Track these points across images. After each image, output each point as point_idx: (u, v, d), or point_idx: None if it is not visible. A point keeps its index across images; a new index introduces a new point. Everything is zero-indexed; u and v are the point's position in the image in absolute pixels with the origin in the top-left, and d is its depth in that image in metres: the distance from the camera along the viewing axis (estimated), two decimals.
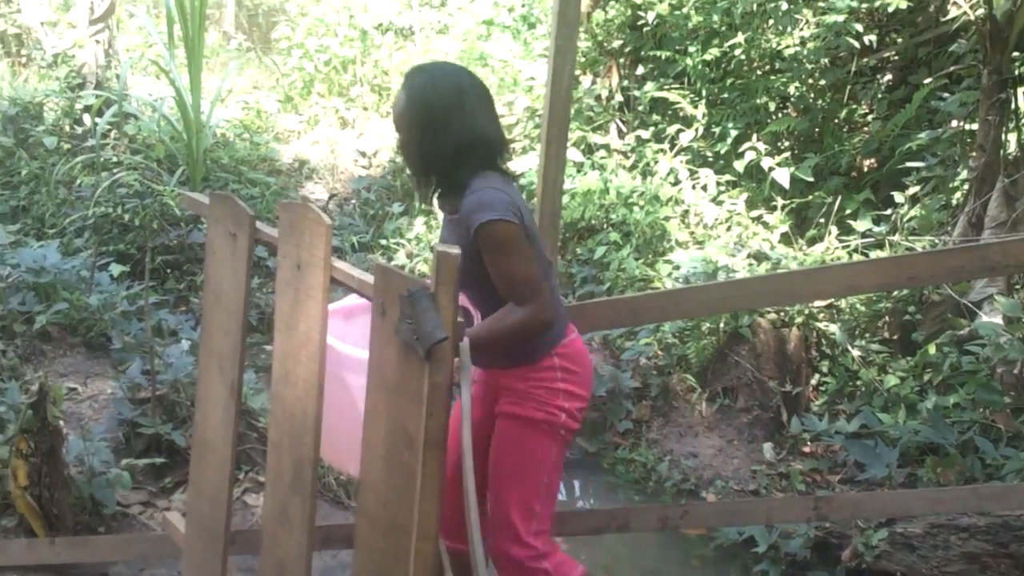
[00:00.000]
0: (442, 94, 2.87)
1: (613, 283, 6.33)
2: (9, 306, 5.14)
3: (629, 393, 5.58)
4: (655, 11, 7.42)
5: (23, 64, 9.78)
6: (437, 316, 2.14)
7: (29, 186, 7.31)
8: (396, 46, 9.94)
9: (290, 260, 2.58)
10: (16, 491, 3.61)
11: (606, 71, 8.06)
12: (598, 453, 5.39)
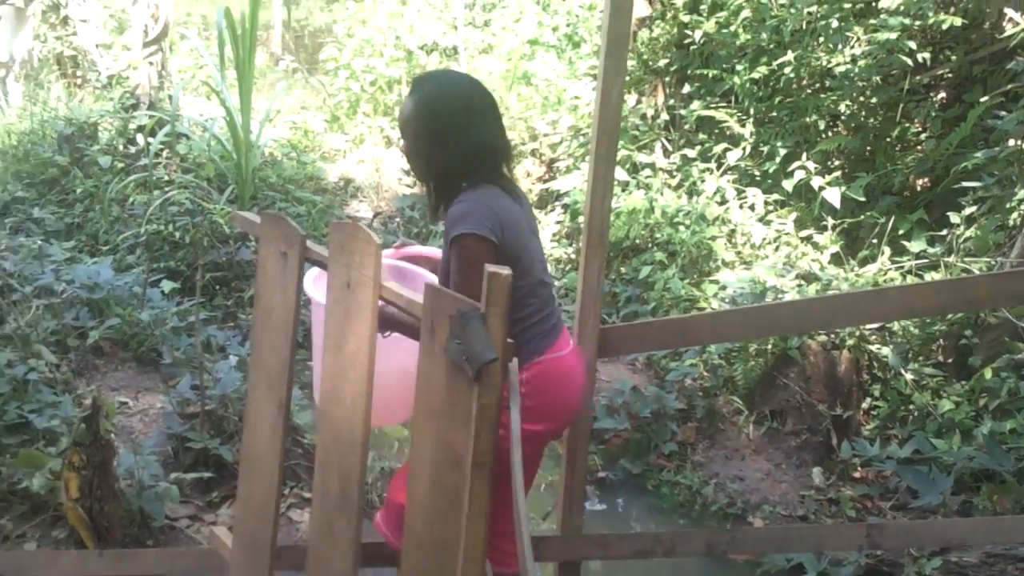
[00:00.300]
0: (449, 103, 2.91)
1: (658, 303, 6.31)
2: (64, 321, 5.20)
3: (674, 415, 5.53)
4: (702, 29, 7.39)
5: (78, 85, 9.92)
6: (487, 337, 2.14)
7: (83, 204, 7.41)
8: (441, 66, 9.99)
9: (340, 280, 2.59)
10: (67, 503, 3.64)
11: (652, 90, 8.05)
12: (642, 475, 5.35)
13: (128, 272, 6.16)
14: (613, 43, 3.01)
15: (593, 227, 3.09)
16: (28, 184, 7.78)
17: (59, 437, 4.17)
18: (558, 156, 8.14)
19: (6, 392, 4.37)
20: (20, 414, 4.28)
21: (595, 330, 3.15)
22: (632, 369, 6.08)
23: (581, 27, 9.03)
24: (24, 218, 7.19)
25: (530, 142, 8.42)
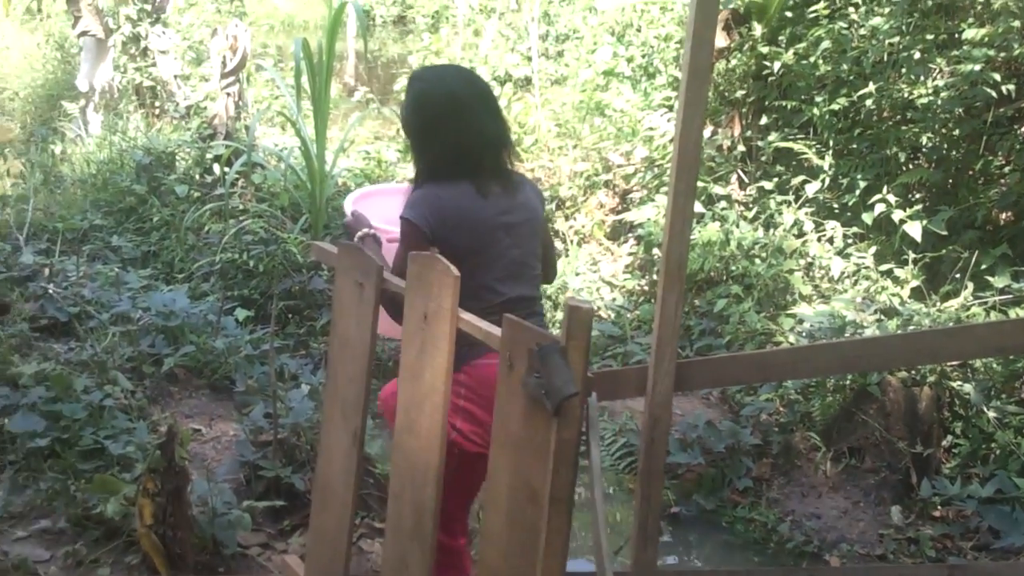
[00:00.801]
0: (434, 99, 3.16)
1: (733, 336, 6.23)
2: (140, 348, 5.27)
3: (749, 450, 5.45)
4: (781, 60, 7.33)
5: (157, 115, 10.08)
6: (568, 371, 2.13)
7: (160, 232, 7.51)
8: (515, 97, 10.01)
9: (417, 311, 2.59)
10: (141, 529, 3.67)
11: (728, 121, 7.99)
12: (716, 511, 5.27)
13: (203, 300, 6.23)
14: (693, 76, 2.98)
15: (671, 261, 3.05)
16: (107, 212, 7.92)
17: (134, 463, 4.21)
18: (631, 187, 8.11)
19: (83, 418, 4.43)
20: (96, 439, 4.34)
21: (671, 364, 3.11)
22: (706, 403, 6.02)
23: (656, 58, 9.00)
24: (102, 245, 7.31)
25: (603, 173, 8.39)
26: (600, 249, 7.83)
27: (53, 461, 4.23)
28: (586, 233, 8.00)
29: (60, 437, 4.33)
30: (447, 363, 2.49)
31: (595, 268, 7.59)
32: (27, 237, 6.99)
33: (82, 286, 6.07)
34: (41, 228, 7.41)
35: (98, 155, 9.19)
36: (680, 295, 3.18)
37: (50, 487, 4.07)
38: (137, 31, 10.14)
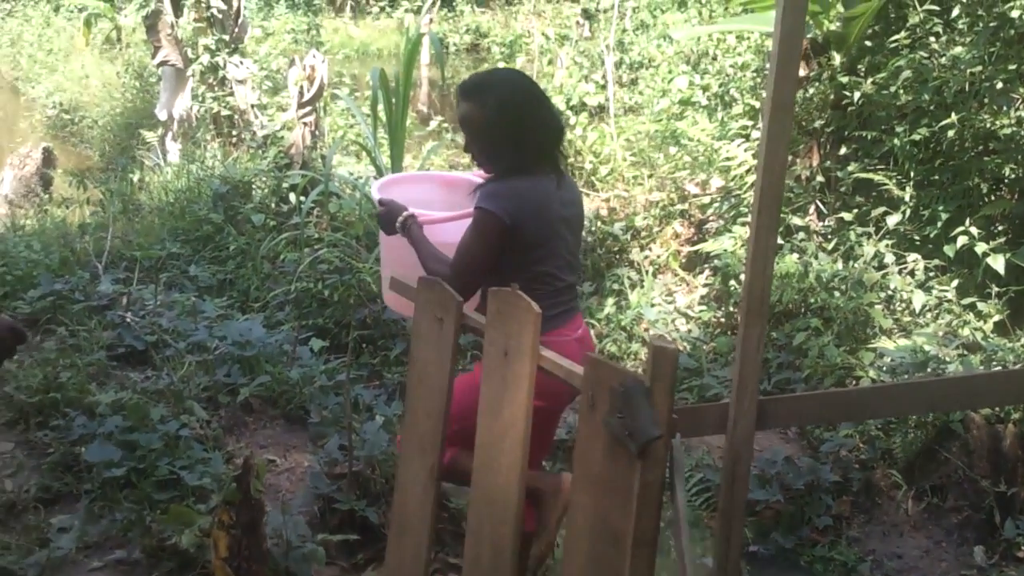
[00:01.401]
0: (515, 103, 3.44)
1: (812, 370, 6.14)
2: (216, 377, 5.30)
3: (829, 487, 5.35)
4: (860, 90, 7.26)
5: (234, 144, 10.22)
6: (652, 412, 2.10)
7: (236, 261, 7.59)
8: (590, 125, 10.01)
9: (497, 347, 2.58)
10: (216, 562, 3.67)
11: (806, 151, 7.91)
12: (794, 549, 5.16)
13: (278, 329, 6.27)
14: (777, 108, 2.95)
15: (753, 297, 3.01)
16: (184, 241, 8.03)
17: (209, 494, 4.23)
18: (708, 217, 8.06)
19: (159, 447, 4.45)
20: (171, 470, 4.35)
21: (753, 401, 3.07)
22: (783, 438, 5.93)
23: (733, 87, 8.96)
24: (179, 274, 7.40)
25: (679, 202, 8.35)
26: (675, 280, 7.78)
27: (129, 491, 4.25)
28: (661, 263, 7.95)
29: (136, 467, 4.33)
30: (527, 400, 2.48)
31: (670, 299, 7.54)
32: (105, 265, 7.08)
33: (159, 315, 6.12)
34: (119, 256, 7.51)
35: (176, 184, 9.32)
36: (762, 332, 3.13)
37: (125, 517, 4.09)
38: (215, 61, 10.30)
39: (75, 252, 7.47)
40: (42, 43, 19.21)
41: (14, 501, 4.22)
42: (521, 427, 2.49)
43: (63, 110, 16.10)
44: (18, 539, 3.91)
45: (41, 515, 4.14)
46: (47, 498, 4.30)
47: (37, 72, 18.18)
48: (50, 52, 18.63)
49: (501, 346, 2.56)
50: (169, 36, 10.48)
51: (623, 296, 7.51)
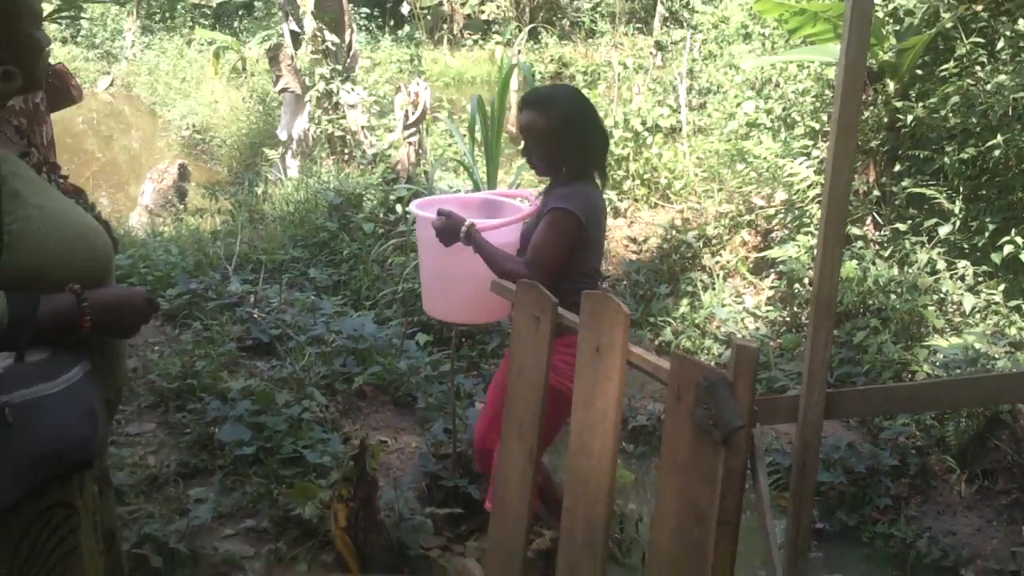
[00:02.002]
0: (579, 114, 3.46)
1: (871, 366, 6.06)
2: (332, 367, 5.36)
3: (888, 470, 5.27)
4: (913, 114, 7.14)
5: (346, 161, 10.32)
6: (735, 405, 2.08)
7: (349, 264, 7.67)
8: (665, 145, 9.96)
9: (589, 344, 2.57)
10: (336, 531, 3.72)
11: (864, 168, 7.79)
12: (857, 527, 5.10)
13: (387, 325, 6.33)
14: (842, 131, 2.90)
15: (821, 300, 2.97)
16: (303, 246, 8.13)
17: (328, 471, 4.27)
18: (773, 227, 7.98)
19: (283, 429, 4.51)
20: (295, 449, 4.41)
21: (822, 395, 3.03)
22: (846, 426, 5.85)
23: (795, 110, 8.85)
24: (299, 275, 7.50)
25: (747, 214, 8.28)
26: (744, 283, 7.71)
27: (257, 467, 4.32)
28: (731, 268, 7.89)
29: (264, 446, 4.41)
30: (617, 392, 2.47)
31: (739, 300, 7.48)
32: (235, 267, 7.20)
33: (282, 312, 6.20)
34: (246, 259, 7.63)
35: (295, 196, 9.44)
36: (829, 331, 3.09)
37: (255, 490, 4.15)
38: (330, 88, 10.41)
39: (208, 256, 7.60)
40: (176, 72, 19.56)
41: (156, 475, 4.29)
42: (612, 417, 2.48)
43: (195, 131, 16.39)
44: (161, 509, 3.98)
45: (180, 488, 4.21)
46: (185, 473, 4.37)
47: (172, 97, 18.53)
48: (183, 80, 18.96)
49: (593, 343, 2.55)
50: (289, 66, 10.63)
51: (696, 297, 7.46)
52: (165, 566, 3.58)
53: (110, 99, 21.00)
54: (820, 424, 3.10)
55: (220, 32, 19.83)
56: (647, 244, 8.62)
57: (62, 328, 1.97)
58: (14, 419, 1.83)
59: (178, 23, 23.11)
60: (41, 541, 1.97)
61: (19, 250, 1.92)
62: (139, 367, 5.34)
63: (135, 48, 22.45)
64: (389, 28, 21.11)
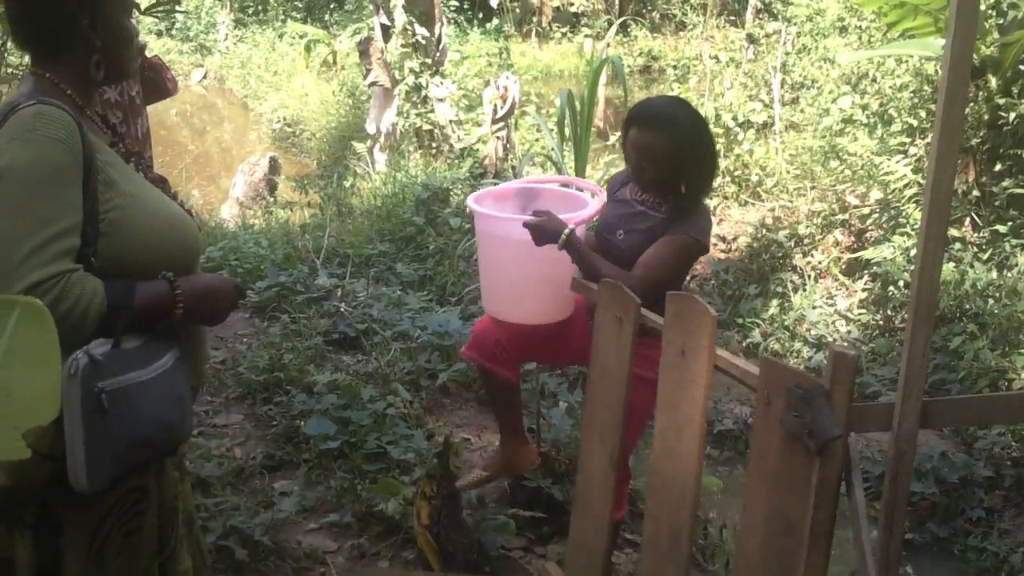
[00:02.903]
0: (704, 138, 3.30)
1: (967, 373, 5.89)
2: (417, 363, 5.37)
3: (981, 481, 5.14)
4: (1015, 111, 6.93)
5: (433, 155, 10.36)
6: (831, 413, 2.03)
7: (435, 259, 7.69)
8: (756, 142, 9.82)
9: (674, 347, 2.53)
10: (418, 528, 3.72)
11: (963, 167, 7.59)
12: (948, 539, 4.98)
13: (471, 321, 6.31)
14: (946, 130, 2.81)
15: (921, 304, 2.88)
16: (390, 240, 8.17)
17: (412, 467, 4.29)
18: (867, 227, 7.82)
19: (368, 424, 4.53)
20: (379, 444, 4.42)
21: (918, 402, 2.94)
22: (939, 435, 5.70)
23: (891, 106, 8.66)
24: (385, 269, 7.53)
25: (840, 213, 8.12)
26: (836, 284, 7.56)
27: (342, 461, 4.33)
28: (822, 269, 7.75)
29: (348, 440, 4.43)
30: (703, 396, 2.43)
31: (831, 302, 7.34)
32: (322, 261, 7.26)
33: (369, 306, 6.24)
34: (334, 253, 7.69)
35: (383, 190, 9.50)
36: (928, 337, 2.99)
37: (339, 485, 4.17)
38: (419, 81, 10.47)
39: (296, 249, 7.68)
40: (268, 65, 19.83)
41: (243, 467, 4.33)
42: (698, 421, 2.44)
43: (286, 124, 16.60)
44: (246, 501, 4.02)
45: (266, 480, 4.26)
46: (271, 465, 4.41)
47: (264, 91, 18.79)
48: (275, 73, 19.22)
49: (679, 346, 2.51)
50: (379, 60, 10.70)
51: (786, 298, 7.34)
52: (249, 558, 3.62)
53: (203, 92, 21.41)
54: (915, 433, 3.01)
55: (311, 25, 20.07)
56: (736, 243, 8.51)
57: (156, 315, 2.01)
58: (110, 405, 1.87)
59: (270, 16, 23.48)
60: (116, 524, 2.02)
61: (114, 238, 1.97)
62: (228, 359, 5.42)
63: (228, 41, 22.84)
64: (478, 21, 21.19)
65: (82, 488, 1.86)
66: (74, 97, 2.04)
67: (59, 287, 1.84)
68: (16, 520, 1.97)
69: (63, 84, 2.04)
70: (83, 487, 1.86)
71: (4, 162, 1.88)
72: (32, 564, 1.98)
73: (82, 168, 1.93)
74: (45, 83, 2.03)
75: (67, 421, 1.84)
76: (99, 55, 2.06)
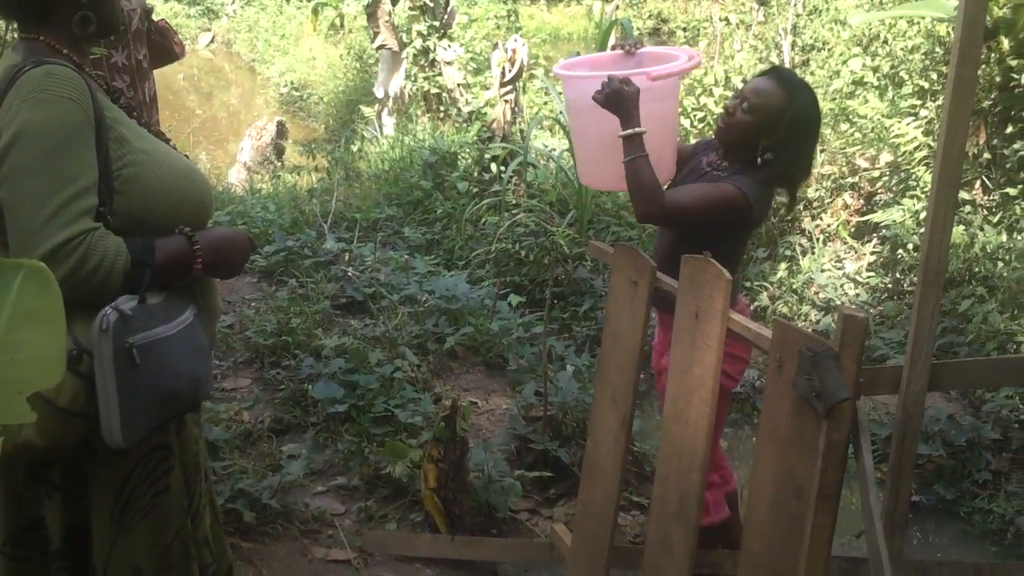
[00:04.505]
0: (800, 113, 3.08)
1: (976, 336, 5.87)
2: (425, 327, 5.37)
3: (989, 444, 5.12)
4: None
5: (441, 119, 10.32)
6: (840, 376, 2.01)
7: (442, 223, 7.69)
8: None
9: (688, 310, 2.52)
10: (425, 491, 3.74)
11: (974, 130, 7.52)
12: (955, 501, 4.96)
13: (479, 285, 6.32)
14: (959, 90, 2.78)
15: (930, 268, 2.87)
16: (397, 204, 8.16)
17: (419, 430, 4.30)
18: (876, 190, 7.76)
19: (375, 387, 4.54)
20: (386, 407, 4.43)
21: (927, 365, 2.93)
22: (946, 397, 5.68)
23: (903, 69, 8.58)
24: (392, 233, 7.53)
25: (849, 176, 8.06)
26: (844, 247, 7.52)
27: (349, 425, 4.35)
28: (831, 232, 7.71)
29: (356, 404, 4.43)
30: (716, 360, 2.41)
31: (839, 265, 7.30)
32: (330, 225, 7.25)
33: (376, 270, 6.23)
34: (341, 217, 7.67)
35: (391, 154, 9.47)
36: (937, 300, 2.98)
37: (347, 448, 4.19)
38: (427, 45, 10.41)
39: (304, 213, 7.67)
40: (276, 29, 19.72)
41: (251, 430, 4.36)
42: (709, 384, 2.42)
43: (293, 88, 16.53)
44: (254, 464, 4.04)
45: (274, 444, 4.28)
46: (279, 429, 4.43)
47: (271, 54, 18.71)
48: (282, 37, 19.12)
49: (692, 309, 2.50)
50: (387, 23, 10.63)
51: (795, 261, 7.31)
52: (257, 521, 3.63)
53: (210, 56, 21.31)
54: (923, 396, 3.00)
55: None
56: None
57: (176, 269, 2.03)
58: (141, 359, 1.88)
59: None
60: (141, 482, 2.04)
61: (129, 195, 1.98)
62: (236, 323, 5.42)
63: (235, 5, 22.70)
64: None
65: (116, 443, 1.88)
66: (71, 56, 2.03)
67: (83, 247, 1.84)
68: (44, 481, 1.99)
69: (58, 45, 2.03)
70: (117, 442, 1.88)
71: (19, 123, 1.87)
72: (61, 524, 2.01)
73: (94, 126, 1.93)
74: (40, 45, 2.02)
75: (99, 377, 1.85)
76: (84, 10, 2.04)
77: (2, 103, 1.91)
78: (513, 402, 4.82)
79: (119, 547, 2.01)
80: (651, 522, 2.70)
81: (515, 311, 5.95)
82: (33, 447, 1.84)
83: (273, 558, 3.54)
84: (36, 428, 1.82)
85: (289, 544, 3.64)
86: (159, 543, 2.07)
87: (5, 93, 1.91)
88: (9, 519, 2.00)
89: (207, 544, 2.25)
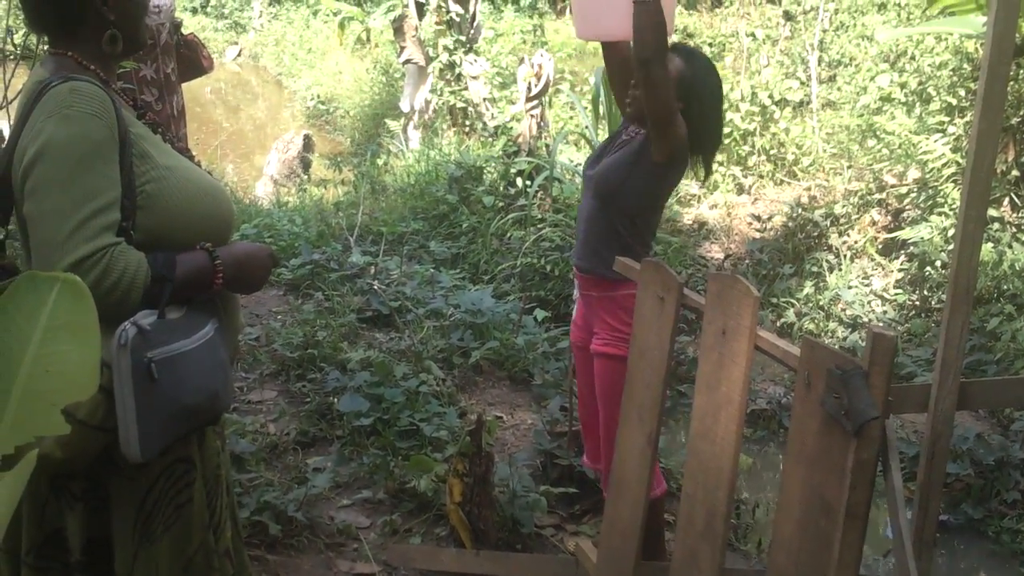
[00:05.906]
0: (695, 79, 3.25)
1: (1004, 354, 5.83)
2: (450, 340, 5.38)
3: (1018, 464, 5.08)
4: None
5: (467, 133, 10.34)
6: (869, 395, 2.00)
7: (468, 237, 7.70)
8: (793, 120, 9.74)
9: (715, 326, 2.51)
10: (450, 505, 3.74)
11: (1002, 147, 7.48)
12: (983, 520, 4.92)
13: (504, 300, 6.33)
14: (987, 107, 2.77)
15: (959, 286, 2.85)
16: (423, 218, 8.19)
17: (444, 445, 4.30)
18: (904, 206, 7.73)
19: (401, 401, 4.55)
20: (412, 421, 4.44)
21: (955, 384, 2.91)
22: (975, 416, 5.65)
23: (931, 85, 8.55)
24: (418, 247, 7.55)
25: (877, 192, 8.03)
26: (872, 264, 7.49)
27: (375, 438, 4.36)
28: (858, 249, 7.68)
29: (381, 417, 4.45)
30: (744, 376, 2.41)
31: (867, 282, 7.27)
32: (356, 239, 7.28)
33: (402, 284, 6.25)
34: (367, 231, 7.70)
35: (416, 168, 9.51)
36: (966, 319, 2.96)
37: (372, 461, 4.19)
38: (453, 59, 10.43)
39: (330, 226, 7.71)
40: (302, 43, 19.83)
41: (276, 443, 4.38)
42: (737, 402, 2.42)
43: (320, 102, 16.60)
44: (280, 477, 4.06)
45: (299, 456, 4.29)
46: (304, 441, 4.45)
47: (298, 68, 18.80)
48: (309, 51, 19.22)
49: (720, 325, 2.50)
50: (413, 37, 10.67)
51: (821, 278, 7.29)
52: (283, 534, 3.64)
53: (238, 69, 21.44)
54: (952, 415, 2.98)
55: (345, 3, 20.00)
56: (772, 222, 8.44)
57: (197, 285, 2.05)
58: (160, 374, 1.90)
59: None
60: (164, 495, 2.05)
61: (152, 210, 2.00)
62: (262, 336, 5.45)
63: (262, 19, 22.84)
64: None
65: (134, 457, 1.89)
66: (98, 72, 2.06)
67: (104, 261, 1.86)
68: (65, 493, 2.00)
69: (85, 61, 2.06)
70: (135, 456, 1.89)
71: (44, 139, 1.90)
72: (82, 536, 2.02)
73: (118, 142, 1.96)
74: (68, 61, 2.05)
75: (118, 391, 1.87)
76: (113, 29, 2.07)
77: (28, 118, 1.95)
78: (538, 417, 4.83)
79: (142, 559, 2.03)
80: (678, 539, 2.70)
81: (540, 325, 5.96)
82: (53, 459, 1.86)
83: (298, 571, 3.55)
84: (56, 440, 1.84)
85: (314, 557, 3.65)
86: (182, 555, 2.08)
87: (32, 108, 1.95)
88: (33, 528, 2.02)
89: (228, 556, 2.26)
